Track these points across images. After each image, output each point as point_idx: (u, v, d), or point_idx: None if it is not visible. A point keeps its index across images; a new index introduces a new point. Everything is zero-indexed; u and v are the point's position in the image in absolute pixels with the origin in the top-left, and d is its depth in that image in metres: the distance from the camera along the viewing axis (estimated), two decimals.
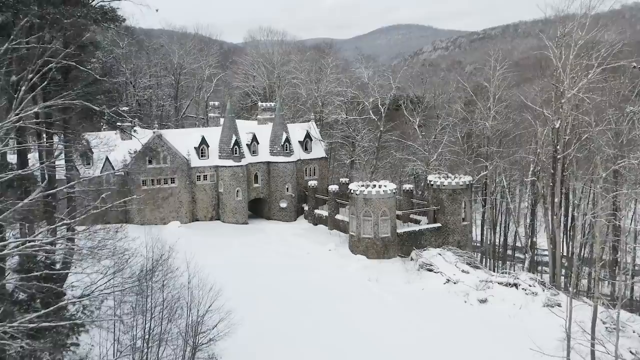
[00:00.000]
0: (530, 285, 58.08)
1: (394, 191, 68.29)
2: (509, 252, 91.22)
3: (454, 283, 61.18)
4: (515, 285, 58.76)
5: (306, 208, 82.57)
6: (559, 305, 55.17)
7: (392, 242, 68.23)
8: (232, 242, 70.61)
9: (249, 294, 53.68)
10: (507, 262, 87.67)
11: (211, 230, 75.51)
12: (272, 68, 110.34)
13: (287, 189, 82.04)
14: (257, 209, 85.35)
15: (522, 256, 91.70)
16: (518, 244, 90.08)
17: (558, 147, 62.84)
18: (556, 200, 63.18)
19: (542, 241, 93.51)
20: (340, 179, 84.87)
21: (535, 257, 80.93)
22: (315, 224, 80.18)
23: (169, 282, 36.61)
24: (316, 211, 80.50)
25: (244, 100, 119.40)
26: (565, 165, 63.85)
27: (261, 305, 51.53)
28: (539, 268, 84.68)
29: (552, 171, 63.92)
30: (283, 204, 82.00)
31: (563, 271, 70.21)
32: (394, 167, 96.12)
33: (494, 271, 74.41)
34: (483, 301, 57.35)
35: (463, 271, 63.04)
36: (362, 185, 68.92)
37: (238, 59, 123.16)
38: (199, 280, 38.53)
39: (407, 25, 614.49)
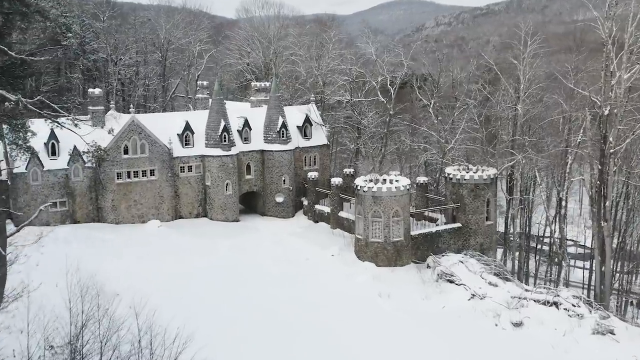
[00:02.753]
0: (574, 305, 48.39)
1: (407, 187, 58.38)
2: (533, 243, 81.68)
3: (481, 299, 51.65)
4: (556, 304, 49.11)
5: (305, 203, 72.71)
6: (611, 332, 45.57)
7: (405, 247, 58.52)
8: (219, 245, 60.87)
9: (232, 320, 44.28)
10: (530, 255, 77.72)
11: (196, 229, 65.65)
12: (268, 43, 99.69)
13: (284, 181, 72.11)
14: (251, 204, 75.56)
15: (545, 247, 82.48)
16: (545, 232, 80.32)
17: (611, 138, 52.70)
18: (607, 203, 53.15)
19: (570, 236, 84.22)
20: (345, 170, 74.90)
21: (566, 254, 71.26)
22: (316, 221, 70.41)
23: (112, 336, 26.75)
24: (317, 207, 70.66)
25: (238, 78, 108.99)
26: (615, 161, 53.69)
27: (247, 336, 41.96)
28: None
29: (599, 167, 53.91)
30: (279, 199, 72.12)
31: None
32: (405, 155, 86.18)
33: (522, 279, 65.00)
34: (518, 325, 47.72)
35: (490, 284, 53.46)
36: (371, 181, 59.05)
37: (231, 34, 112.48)
38: (159, 328, 28.73)
39: (408, 1, 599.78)
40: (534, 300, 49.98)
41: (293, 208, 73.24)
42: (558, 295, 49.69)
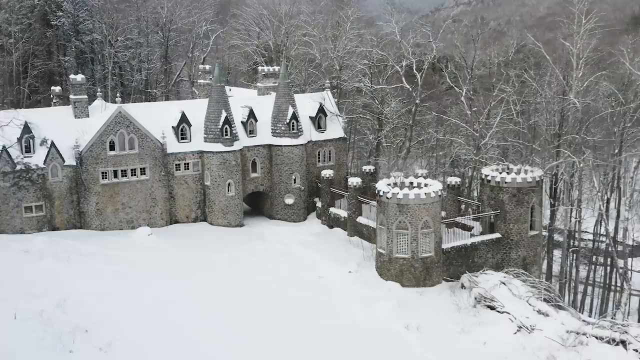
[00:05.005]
0: None
1: (439, 193, 49.24)
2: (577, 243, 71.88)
3: (529, 332, 42.63)
4: (623, 343, 39.98)
5: (319, 204, 63.81)
6: None
7: (436, 264, 49.53)
8: (217, 260, 51.79)
9: None
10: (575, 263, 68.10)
11: (192, 238, 56.90)
12: (279, 23, 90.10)
13: (295, 180, 63.20)
14: (258, 204, 66.83)
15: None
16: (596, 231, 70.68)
17: None
18: None
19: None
20: (364, 167, 65.97)
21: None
22: (331, 227, 61.66)
23: None
24: (332, 210, 61.81)
25: (247, 62, 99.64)
26: None
27: None
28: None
29: None
30: (289, 200, 63.25)
31: None
32: (432, 149, 76.77)
33: (565, 286, 55.57)
34: None
35: (540, 312, 44.29)
36: (395, 185, 49.99)
37: (238, 12, 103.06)
38: None
39: None
40: (596, 337, 40.91)
41: (305, 210, 64.44)
42: (626, 332, 40.53)
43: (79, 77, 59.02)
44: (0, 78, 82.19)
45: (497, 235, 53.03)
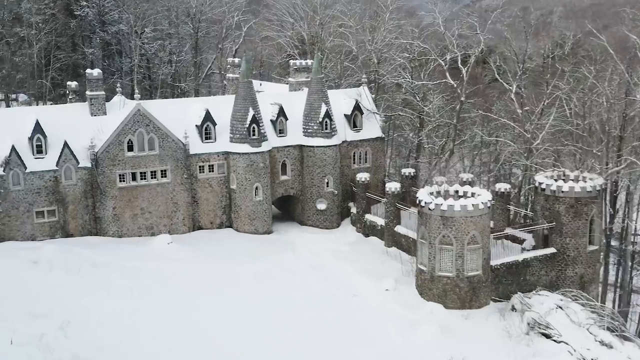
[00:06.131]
0: None
1: (489, 205, 43.98)
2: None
3: None
4: None
5: (354, 210, 58.95)
6: None
7: (483, 283, 44.34)
8: (242, 272, 47.32)
9: None
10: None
11: (216, 246, 52.37)
12: (313, 13, 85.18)
13: (327, 183, 58.39)
14: (289, 208, 62.20)
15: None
16: None
17: None
18: None
19: None
20: (403, 170, 60.71)
21: None
22: (366, 235, 56.77)
23: None
24: (367, 216, 56.88)
25: (280, 54, 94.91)
26: None
27: None
28: None
29: None
30: (321, 206, 58.46)
31: None
32: (478, 150, 71.17)
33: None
34: None
35: (602, 343, 39.12)
36: (438, 194, 44.89)
37: (270, 2, 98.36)
38: None
39: None
40: None
41: (338, 216, 59.64)
42: None
43: (95, 72, 54.83)
44: (22, 71, 78.84)
45: (551, 250, 47.56)
